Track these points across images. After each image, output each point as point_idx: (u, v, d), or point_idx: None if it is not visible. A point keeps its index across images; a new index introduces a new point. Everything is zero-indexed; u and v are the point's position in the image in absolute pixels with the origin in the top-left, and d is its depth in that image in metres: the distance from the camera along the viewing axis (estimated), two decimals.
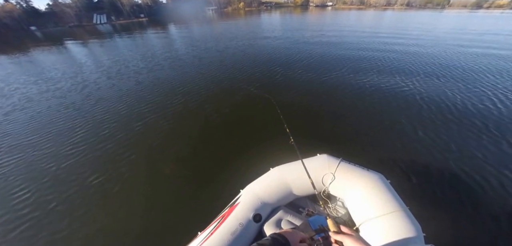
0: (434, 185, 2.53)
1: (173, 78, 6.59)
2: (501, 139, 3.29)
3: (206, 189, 2.61)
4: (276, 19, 26.29)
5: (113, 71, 7.81)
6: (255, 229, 1.41)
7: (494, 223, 2.12)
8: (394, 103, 4.48)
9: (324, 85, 5.57)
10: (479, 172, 2.69)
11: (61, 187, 2.82)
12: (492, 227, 2.08)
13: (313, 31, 15.01)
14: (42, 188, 2.83)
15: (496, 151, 3.06)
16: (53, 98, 5.67)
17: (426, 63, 7.09)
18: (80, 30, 30.65)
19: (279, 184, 1.63)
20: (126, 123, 4.22)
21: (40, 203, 2.61)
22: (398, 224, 1.21)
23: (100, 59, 10.06)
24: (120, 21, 46.35)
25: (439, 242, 1.15)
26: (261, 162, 2.25)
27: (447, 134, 3.42)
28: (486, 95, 4.69)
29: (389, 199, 1.38)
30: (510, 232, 2.03)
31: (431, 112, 4.08)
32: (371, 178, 1.53)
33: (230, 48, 10.50)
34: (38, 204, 2.59)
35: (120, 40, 16.38)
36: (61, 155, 3.40)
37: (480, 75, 5.94)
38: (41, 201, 2.63)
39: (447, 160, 2.90)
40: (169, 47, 11.81)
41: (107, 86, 6.36)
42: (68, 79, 7.28)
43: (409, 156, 3.01)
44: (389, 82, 5.55)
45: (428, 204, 2.28)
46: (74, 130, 4.09)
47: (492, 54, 8.02)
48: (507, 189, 2.46)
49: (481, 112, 4.02)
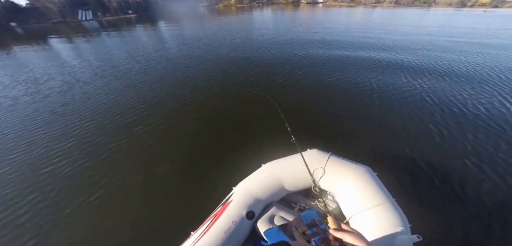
0: (417, 177, 2.64)
1: (161, 78, 6.40)
2: (484, 129, 3.45)
3: (198, 188, 2.60)
4: (268, 16, 26.22)
5: (101, 70, 7.55)
6: (249, 227, 1.42)
7: (477, 213, 2.22)
8: (379, 98, 4.61)
9: (313, 81, 5.65)
10: (462, 162, 2.83)
11: (49, 187, 2.74)
12: (476, 217, 2.19)
13: (304, 28, 15.09)
14: (29, 188, 2.74)
15: (479, 141, 3.22)
16: (39, 100, 5.42)
17: (412, 60, 7.32)
18: (64, 26, 29.25)
19: (271, 180, 1.64)
20: (116, 123, 4.11)
21: (29, 203, 2.52)
22: (386, 216, 1.25)
23: (87, 57, 9.67)
24: (107, 17, 44.62)
25: (424, 231, 1.20)
26: (252, 158, 2.26)
27: (429, 127, 3.56)
28: (468, 89, 4.92)
29: (377, 191, 1.43)
30: (493, 220, 2.15)
31: (415, 106, 4.24)
32: (359, 171, 1.57)
33: (220, 47, 10.38)
34: (27, 204, 2.50)
35: (107, 37, 15.80)
36: (48, 156, 3.28)
37: (463, 69, 6.19)
38: (30, 202, 2.55)
39: (430, 152, 3.02)
40: (158, 45, 11.52)
41: (95, 85, 6.14)
42: (53, 78, 6.97)
43: (393, 149, 3.12)
44: (376, 78, 5.70)
45: (412, 196, 2.38)
46: (64, 130, 3.95)
47: (477, 50, 8.39)
48: (490, 179, 2.59)
49: (463, 105, 4.22)
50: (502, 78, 5.56)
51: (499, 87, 5.05)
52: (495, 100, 4.41)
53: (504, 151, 3.02)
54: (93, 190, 2.66)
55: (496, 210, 2.25)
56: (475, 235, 2.04)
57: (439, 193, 2.44)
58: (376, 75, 5.97)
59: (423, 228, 1.35)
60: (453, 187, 2.50)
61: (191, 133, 3.71)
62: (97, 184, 2.75)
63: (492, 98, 4.51)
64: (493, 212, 2.23)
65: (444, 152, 3.04)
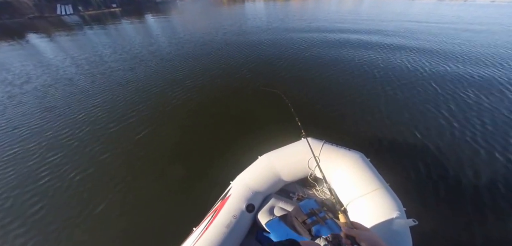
0: (408, 161, 2.74)
1: (147, 75, 6.13)
2: (474, 116, 3.58)
3: (197, 184, 2.59)
4: (257, 8, 25.79)
5: (91, 67, 7.20)
6: (249, 219, 1.43)
7: (468, 196, 2.29)
8: (371, 85, 4.74)
9: (302, 69, 5.74)
10: (451, 145, 2.96)
11: (48, 191, 2.67)
12: (469, 198, 2.27)
13: (296, 18, 15.01)
14: (27, 191, 2.67)
15: (468, 122, 3.38)
16: (25, 102, 5.13)
17: (400, 46, 7.50)
18: (42, 22, 27.49)
19: (268, 172, 1.66)
20: (110, 125, 3.94)
21: (24, 206, 2.46)
22: (381, 202, 1.30)
23: (72, 54, 9.15)
24: (89, 11, 42.27)
25: (418, 215, 1.21)
26: (248, 151, 2.26)
27: (418, 113, 3.69)
28: (459, 75, 5.12)
29: (371, 177, 1.47)
30: (482, 203, 2.22)
31: (403, 91, 4.39)
32: (353, 158, 1.61)
33: (209, 40, 10.16)
34: (23, 207, 2.44)
35: (92, 33, 15.01)
36: (43, 156, 3.15)
37: (454, 56, 6.40)
38: (27, 204, 2.50)
39: (420, 137, 3.14)
40: (146, 40, 11.09)
41: (86, 82, 5.90)
42: (37, 77, 6.59)
43: (384, 135, 3.22)
44: (363, 64, 5.84)
45: (404, 180, 2.47)
46: (57, 130, 3.78)
47: (468, 37, 8.70)
48: (481, 158, 2.72)
49: (451, 89, 4.40)
50: (483, 60, 5.83)
51: (483, 68, 5.31)
52: (484, 82, 4.65)
53: (492, 128, 3.19)
54: (89, 198, 2.59)
55: (487, 189, 2.34)
56: (470, 217, 2.10)
57: (430, 176, 2.54)
58: (363, 60, 6.15)
59: (417, 212, 1.41)
60: (444, 169, 2.60)
61: (184, 131, 3.64)
62: (91, 191, 2.68)
63: (479, 81, 4.74)
64: (484, 191, 2.32)
65: (433, 135, 3.16)
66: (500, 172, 2.54)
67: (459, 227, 2.04)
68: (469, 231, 2.00)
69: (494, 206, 2.19)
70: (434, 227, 1.98)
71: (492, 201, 2.24)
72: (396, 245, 1.07)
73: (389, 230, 1.14)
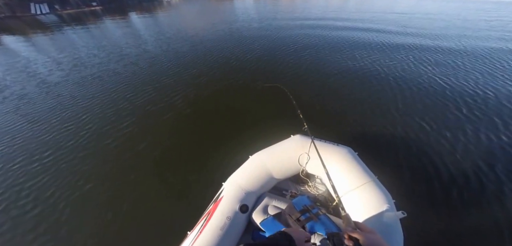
0: (395, 154, 2.84)
1: (133, 78, 5.84)
2: (460, 106, 3.76)
3: (189, 187, 2.55)
4: (249, 3, 25.50)
5: (74, 69, 6.81)
6: (244, 220, 1.43)
7: (456, 187, 2.38)
8: (358, 81, 4.86)
9: (292, 67, 5.76)
10: (437, 137, 3.09)
11: (40, 193, 2.59)
12: (454, 191, 2.34)
13: (283, 15, 15.02)
14: (17, 193, 2.59)
15: (456, 116, 3.52)
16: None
17: (384, 40, 7.75)
18: (16, 22, 25.58)
19: (260, 171, 1.65)
20: (99, 128, 3.79)
21: (14, 211, 2.37)
22: (371, 195, 1.33)
23: (54, 56, 8.57)
24: (68, 10, 39.91)
25: (407, 207, 1.25)
26: (239, 151, 2.26)
27: (405, 106, 3.84)
28: (447, 68, 5.37)
29: (360, 171, 1.51)
30: (469, 192, 2.31)
31: (391, 86, 4.54)
32: (341, 153, 1.65)
33: (196, 40, 9.96)
34: (12, 212, 2.32)
35: (72, 32, 14.20)
36: (40, 161, 2.97)
37: (440, 52, 6.64)
38: (16, 207, 2.43)
39: (407, 130, 3.27)
40: (130, 39, 10.65)
41: (72, 83, 5.65)
42: (19, 82, 6.16)
43: (371, 128, 3.32)
44: (354, 62, 5.94)
45: (392, 173, 2.52)
46: (39, 139, 3.57)
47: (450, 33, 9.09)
48: (465, 152, 2.83)
49: (435, 81, 4.60)
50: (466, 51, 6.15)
51: (468, 60, 5.60)
52: (472, 76, 4.89)
53: (481, 123, 3.32)
54: (77, 208, 2.48)
55: (474, 178, 2.45)
56: (458, 207, 2.17)
57: (417, 168, 2.62)
58: (347, 55, 6.33)
59: (405, 204, 1.46)
60: (431, 161, 2.69)
61: (173, 134, 3.53)
62: (79, 200, 2.57)
63: (464, 74, 4.98)
64: (471, 180, 2.42)
65: (420, 128, 3.29)
66: (485, 160, 2.66)
67: (448, 217, 2.10)
68: (458, 220, 2.06)
69: (481, 195, 2.28)
70: (423, 218, 2.04)
71: (479, 189, 2.33)
72: (388, 237, 1.10)
73: (380, 222, 1.17)
